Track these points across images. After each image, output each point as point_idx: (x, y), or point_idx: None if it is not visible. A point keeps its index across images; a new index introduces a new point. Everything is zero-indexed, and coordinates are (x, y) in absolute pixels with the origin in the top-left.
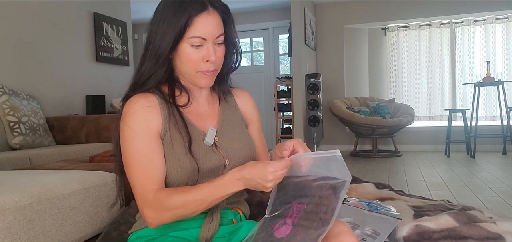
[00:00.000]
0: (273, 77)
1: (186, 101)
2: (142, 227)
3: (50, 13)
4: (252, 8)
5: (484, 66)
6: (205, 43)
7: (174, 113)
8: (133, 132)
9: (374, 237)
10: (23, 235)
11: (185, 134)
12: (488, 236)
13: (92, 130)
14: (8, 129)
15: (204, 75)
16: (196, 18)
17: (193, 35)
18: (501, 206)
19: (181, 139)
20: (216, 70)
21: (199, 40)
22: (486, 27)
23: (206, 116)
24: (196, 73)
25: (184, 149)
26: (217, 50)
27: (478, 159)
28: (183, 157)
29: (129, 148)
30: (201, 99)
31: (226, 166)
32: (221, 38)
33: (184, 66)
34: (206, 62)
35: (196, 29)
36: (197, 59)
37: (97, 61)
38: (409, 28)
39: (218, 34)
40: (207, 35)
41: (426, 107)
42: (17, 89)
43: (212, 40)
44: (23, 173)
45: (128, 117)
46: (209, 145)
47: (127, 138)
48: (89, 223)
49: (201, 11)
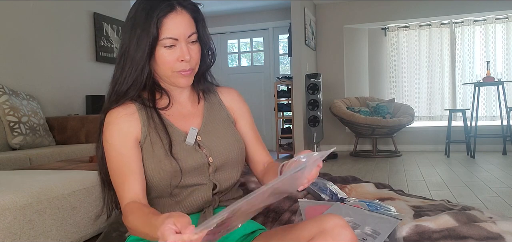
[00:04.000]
0: (273, 77)
1: (166, 103)
2: None
3: (50, 13)
4: (252, 8)
5: (484, 66)
6: (177, 43)
7: (153, 117)
8: (109, 144)
9: (374, 237)
10: (23, 235)
11: (164, 136)
12: (488, 236)
13: (92, 130)
14: (8, 129)
15: (181, 75)
16: (165, 19)
17: (164, 37)
18: (501, 206)
19: (160, 141)
20: (193, 69)
21: (171, 41)
22: (486, 27)
23: (189, 116)
24: (173, 73)
25: (164, 151)
26: (191, 49)
27: (478, 159)
28: (163, 158)
29: (108, 160)
30: (183, 99)
31: (210, 163)
32: (194, 36)
33: (160, 69)
34: (181, 61)
35: (167, 30)
36: (171, 60)
37: (97, 61)
38: (409, 28)
39: (189, 32)
40: (178, 35)
41: (426, 107)
42: (17, 89)
43: (184, 39)
44: (23, 173)
45: (106, 130)
46: (190, 144)
47: (106, 151)
48: (89, 223)
49: (169, 12)
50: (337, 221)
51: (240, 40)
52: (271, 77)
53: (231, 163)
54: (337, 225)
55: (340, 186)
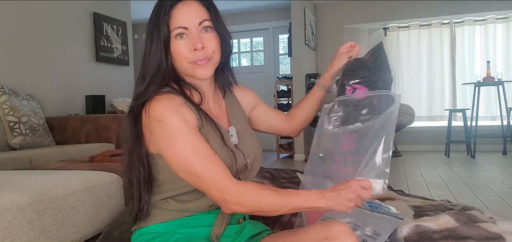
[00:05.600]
0: (273, 77)
1: (199, 99)
2: (152, 223)
3: (50, 13)
4: (252, 8)
5: (484, 66)
6: (188, 32)
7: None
8: (180, 130)
9: (375, 238)
10: (23, 235)
11: (216, 129)
12: (488, 236)
13: (92, 130)
14: (8, 129)
15: (197, 65)
16: (173, 11)
17: (174, 27)
18: (501, 206)
19: (214, 133)
20: (210, 58)
21: (181, 29)
22: (486, 27)
23: (218, 111)
24: (189, 65)
25: (219, 142)
26: (204, 37)
27: (478, 159)
28: (220, 150)
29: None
30: (208, 97)
31: (247, 165)
32: (207, 23)
33: (177, 62)
34: (195, 51)
35: (175, 20)
36: (185, 50)
37: (97, 61)
38: (409, 28)
39: (200, 19)
40: (187, 23)
41: (426, 107)
42: (17, 89)
43: (195, 27)
44: (23, 173)
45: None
46: (235, 143)
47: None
48: (89, 223)
49: (176, 3)
50: (342, 228)
51: (240, 40)
52: (271, 77)
53: (257, 164)
54: (343, 232)
55: None
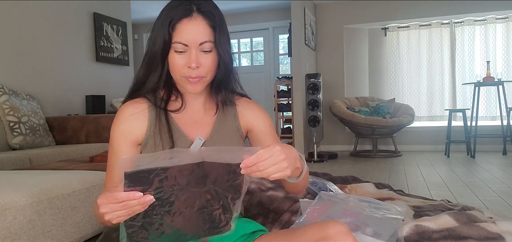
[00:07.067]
0: (273, 77)
1: (179, 106)
2: None
3: (50, 13)
4: (252, 8)
5: (484, 66)
6: (188, 49)
7: (161, 118)
8: (111, 138)
9: (375, 238)
10: (23, 235)
11: (168, 140)
12: (488, 236)
13: (92, 130)
14: (8, 129)
15: (189, 81)
16: (178, 24)
17: (176, 41)
18: (501, 206)
19: (162, 146)
20: (203, 77)
21: (181, 46)
22: (486, 27)
23: (199, 124)
24: (181, 78)
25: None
26: (202, 57)
27: (478, 159)
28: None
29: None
30: (196, 105)
31: None
32: (207, 45)
33: (171, 71)
34: (189, 68)
35: (178, 35)
36: (180, 65)
37: (97, 61)
38: (409, 28)
39: (202, 40)
40: (189, 41)
41: (426, 107)
42: (17, 89)
43: (195, 46)
44: (23, 173)
45: (114, 122)
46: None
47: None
48: (89, 223)
49: (183, 17)
50: (340, 228)
51: (240, 40)
52: (271, 77)
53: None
54: (340, 232)
55: (340, 186)
